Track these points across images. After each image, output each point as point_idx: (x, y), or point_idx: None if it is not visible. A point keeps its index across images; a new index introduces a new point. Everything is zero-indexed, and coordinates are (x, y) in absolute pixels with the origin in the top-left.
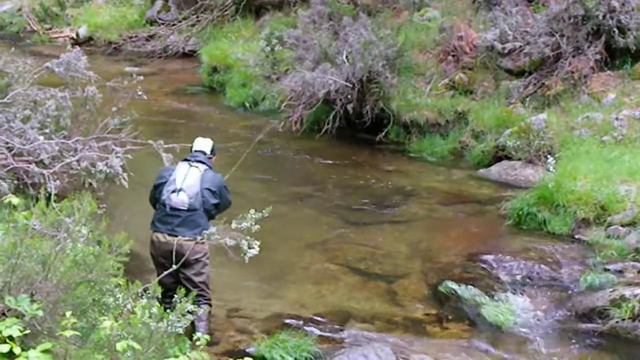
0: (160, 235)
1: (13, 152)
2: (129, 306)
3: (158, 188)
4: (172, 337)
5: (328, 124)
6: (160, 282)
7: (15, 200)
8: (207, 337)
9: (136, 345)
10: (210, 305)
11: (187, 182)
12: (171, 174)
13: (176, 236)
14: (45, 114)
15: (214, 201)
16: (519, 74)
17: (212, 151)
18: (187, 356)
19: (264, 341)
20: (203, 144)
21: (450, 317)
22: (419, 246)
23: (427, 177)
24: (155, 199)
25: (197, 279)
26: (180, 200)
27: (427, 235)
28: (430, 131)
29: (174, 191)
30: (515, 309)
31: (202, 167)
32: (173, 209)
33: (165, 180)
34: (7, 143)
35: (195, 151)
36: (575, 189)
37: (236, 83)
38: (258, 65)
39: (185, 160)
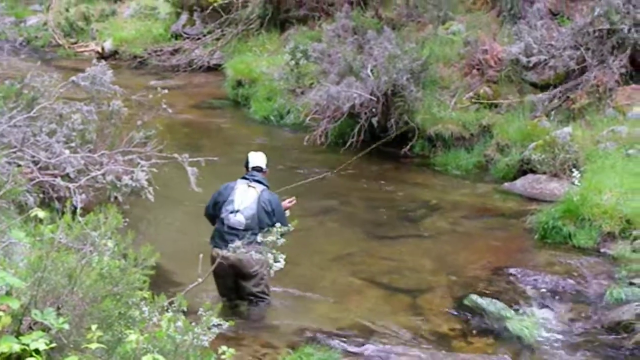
0: (219, 251)
1: (39, 165)
2: (154, 319)
3: (218, 205)
4: (197, 351)
5: (353, 137)
6: (223, 295)
7: (41, 213)
8: (232, 350)
9: (162, 359)
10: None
11: (244, 204)
12: (230, 193)
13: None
14: (71, 128)
15: (270, 222)
16: (544, 87)
17: (267, 165)
18: None
19: (289, 355)
20: (259, 159)
21: (475, 331)
22: (444, 260)
23: (451, 191)
24: (214, 215)
25: (255, 290)
26: (238, 220)
27: (452, 249)
28: (455, 145)
29: (232, 212)
30: (540, 323)
31: (260, 187)
32: (231, 227)
33: (225, 199)
34: (33, 157)
35: (253, 168)
36: (600, 203)
37: (261, 97)
38: (283, 78)
39: (244, 178)
